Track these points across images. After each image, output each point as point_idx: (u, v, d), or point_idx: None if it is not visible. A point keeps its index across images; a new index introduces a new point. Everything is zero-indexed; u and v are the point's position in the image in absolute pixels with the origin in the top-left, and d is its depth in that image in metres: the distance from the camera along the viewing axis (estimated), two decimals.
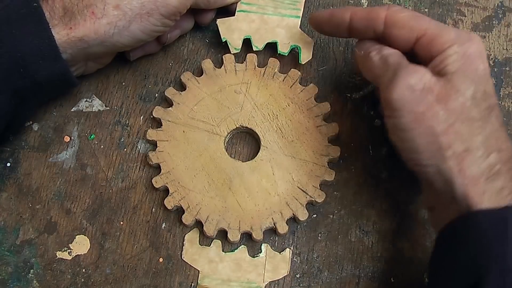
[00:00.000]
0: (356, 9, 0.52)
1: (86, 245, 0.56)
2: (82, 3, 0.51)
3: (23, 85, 0.51)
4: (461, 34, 0.48)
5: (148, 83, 0.60)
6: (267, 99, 0.58)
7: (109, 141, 0.59)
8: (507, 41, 0.62)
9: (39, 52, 0.50)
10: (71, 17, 0.51)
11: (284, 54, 0.59)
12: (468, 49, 0.47)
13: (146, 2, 0.52)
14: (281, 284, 0.55)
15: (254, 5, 0.60)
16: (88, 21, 0.51)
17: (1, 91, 0.50)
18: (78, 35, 0.51)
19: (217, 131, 0.57)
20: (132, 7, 0.52)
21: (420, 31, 0.48)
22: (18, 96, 0.51)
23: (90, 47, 0.52)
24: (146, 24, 0.53)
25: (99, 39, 0.52)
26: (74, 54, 0.52)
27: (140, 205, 0.57)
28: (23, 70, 0.50)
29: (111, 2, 0.51)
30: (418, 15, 0.49)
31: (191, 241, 0.56)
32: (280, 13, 0.59)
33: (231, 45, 0.59)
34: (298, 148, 0.56)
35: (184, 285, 0.55)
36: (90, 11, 0.51)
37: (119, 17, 0.52)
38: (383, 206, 0.56)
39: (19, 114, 0.54)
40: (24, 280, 0.55)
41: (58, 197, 0.57)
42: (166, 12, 0.53)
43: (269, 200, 0.55)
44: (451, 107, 0.46)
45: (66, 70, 0.52)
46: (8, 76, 0.50)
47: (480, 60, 0.47)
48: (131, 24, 0.53)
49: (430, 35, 0.48)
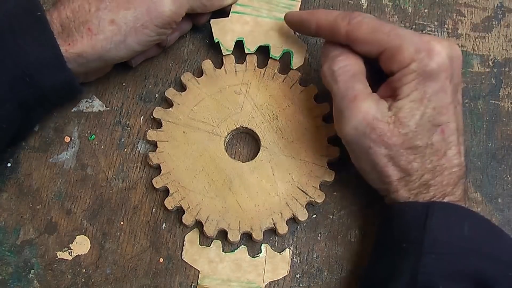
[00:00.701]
0: (321, 19, 0.52)
1: (86, 245, 0.56)
2: (79, 20, 0.52)
3: (29, 94, 0.51)
4: (423, 47, 0.48)
5: (148, 84, 0.61)
6: (267, 99, 0.58)
7: (109, 142, 0.59)
8: (506, 42, 0.62)
9: (44, 61, 0.50)
10: (68, 33, 0.51)
11: (275, 58, 0.59)
12: (427, 67, 0.47)
13: (140, 15, 0.52)
14: (281, 284, 0.55)
15: (248, 7, 0.60)
16: (85, 37, 0.52)
17: (7, 100, 0.50)
18: (76, 51, 0.51)
19: (217, 132, 0.57)
20: (126, 21, 0.52)
21: (379, 47, 0.49)
22: (25, 105, 0.52)
23: (88, 62, 0.53)
24: (142, 36, 0.54)
25: (96, 54, 0.52)
26: (74, 68, 0.52)
27: (140, 205, 0.57)
28: (29, 79, 0.50)
29: (106, 17, 0.52)
30: (379, 28, 0.49)
31: (191, 241, 0.56)
32: (274, 16, 0.59)
33: (223, 46, 0.59)
34: (298, 149, 0.56)
35: (184, 285, 0.55)
36: (86, 27, 0.51)
37: (115, 32, 0.52)
38: (383, 206, 0.56)
39: (26, 122, 0.54)
40: (24, 280, 0.55)
41: (58, 198, 0.57)
42: (161, 23, 0.54)
43: (269, 201, 0.55)
44: (394, 142, 0.48)
45: (71, 78, 0.52)
46: (14, 86, 0.50)
47: (438, 77, 0.48)
48: (127, 38, 0.53)
49: (389, 50, 0.48)
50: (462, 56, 0.50)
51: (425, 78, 0.47)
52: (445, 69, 0.48)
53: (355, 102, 0.48)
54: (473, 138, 0.59)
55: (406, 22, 0.63)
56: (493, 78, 0.61)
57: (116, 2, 0.52)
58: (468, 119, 0.60)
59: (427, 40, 0.48)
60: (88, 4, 0.52)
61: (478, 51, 0.62)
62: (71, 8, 0.52)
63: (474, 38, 0.63)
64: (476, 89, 0.61)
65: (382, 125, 0.47)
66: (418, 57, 0.47)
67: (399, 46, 0.48)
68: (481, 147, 0.59)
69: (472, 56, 0.62)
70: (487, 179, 0.58)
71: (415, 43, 0.48)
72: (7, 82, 0.50)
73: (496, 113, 0.60)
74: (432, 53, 0.47)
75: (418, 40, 0.48)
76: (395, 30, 0.49)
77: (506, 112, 0.60)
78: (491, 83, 0.61)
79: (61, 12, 0.52)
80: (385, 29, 0.49)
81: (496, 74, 0.61)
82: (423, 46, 0.48)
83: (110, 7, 0.52)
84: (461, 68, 0.50)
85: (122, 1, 0.52)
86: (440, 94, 0.48)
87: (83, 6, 0.52)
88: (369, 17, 0.50)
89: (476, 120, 0.60)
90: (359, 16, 0.50)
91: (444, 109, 0.48)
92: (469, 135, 0.59)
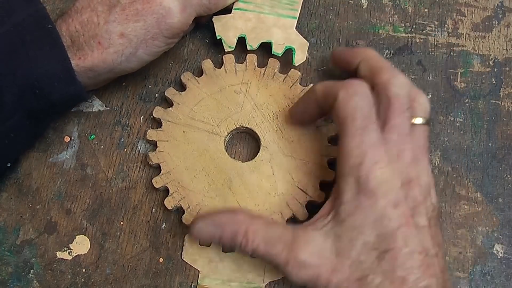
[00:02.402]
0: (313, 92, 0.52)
1: (86, 245, 0.56)
2: (88, 34, 0.51)
3: (38, 106, 0.51)
4: (362, 166, 0.45)
5: (148, 83, 0.61)
6: (267, 99, 0.58)
7: (109, 141, 0.59)
8: (507, 41, 0.62)
9: (54, 74, 0.50)
10: (78, 47, 0.51)
11: (278, 55, 0.59)
12: (366, 186, 0.45)
13: (150, 27, 0.52)
14: (281, 284, 0.55)
15: (251, 4, 0.60)
16: (96, 51, 0.51)
17: (16, 112, 0.50)
18: (87, 65, 0.52)
19: (217, 131, 0.57)
20: (136, 34, 0.52)
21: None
22: (33, 115, 0.52)
23: (99, 75, 0.53)
24: (152, 47, 0.54)
25: (107, 68, 0.53)
26: (84, 81, 0.52)
27: (140, 205, 0.57)
28: (39, 91, 0.50)
29: (115, 31, 0.52)
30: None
31: (191, 241, 0.56)
32: (276, 12, 0.59)
33: (226, 43, 0.59)
34: (298, 148, 0.56)
35: (184, 285, 0.55)
36: (96, 41, 0.51)
37: (125, 45, 0.52)
38: None
39: (34, 131, 0.55)
40: (24, 280, 0.55)
41: (58, 197, 0.57)
42: (170, 34, 0.54)
43: (269, 200, 0.55)
44: (336, 278, 0.45)
45: (81, 91, 0.52)
46: (23, 97, 0.50)
47: (377, 194, 0.45)
48: (138, 50, 0.53)
49: (339, 158, 0.48)
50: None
51: (361, 199, 0.45)
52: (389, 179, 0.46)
53: (304, 236, 0.47)
54: (473, 138, 0.59)
55: (406, 22, 0.63)
56: (494, 77, 0.61)
57: (125, 14, 0.52)
58: (469, 119, 0.60)
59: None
60: (97, 17, 0.52)
61: (479, 51, 0.62)
62: (79, 21, 0.52)
63: (475, 37, 0.63)
64: (477, 89, 0.61)
65: (325, 259, 0.45)
66: (354, 173, 0.46)
67: (346, 154, 0.47)
68: (482, 146, 0.59)
69: (473, 56, 0.62)
70: (488, 179, 0.58)
71: (359, 156, 0.46)
72: (17, 94, 0.50)
73: (497, 113, 0.60)
74: (364, 167, 0.46)
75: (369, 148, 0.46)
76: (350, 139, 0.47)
77: (507, 112, 0.60)
78: (492, 82, 0.61)
79: (70, 25, 0.52)
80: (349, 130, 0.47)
81: (497, 73, 0.61)
82: (363, 162, 0.46)
83: (119, 19, 0.52)
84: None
85: (131, 13, 0.52)
86: (385, 215, 0.45)
87: (92, 18, 0.52)
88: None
89: (477, 119, 0.60)
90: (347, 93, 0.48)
91: (389, 231, 0.45)
92: (470, 134, 0.59)
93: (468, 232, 0.57)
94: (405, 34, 0.63)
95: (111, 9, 0.52)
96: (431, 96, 0.60)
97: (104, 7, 0.52)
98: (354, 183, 0.45)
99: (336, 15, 0.63)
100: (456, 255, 0.56)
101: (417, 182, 0.46)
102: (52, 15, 0.58)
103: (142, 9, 0.52)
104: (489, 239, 0.56)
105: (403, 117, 0.47)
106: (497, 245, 0.56)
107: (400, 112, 0.47)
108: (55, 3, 0.63)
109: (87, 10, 0.52)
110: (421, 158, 0.48)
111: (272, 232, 0.47)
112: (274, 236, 0.47)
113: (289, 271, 0.46)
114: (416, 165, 0.47)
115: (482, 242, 0.56)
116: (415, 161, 0.47)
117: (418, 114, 0.49)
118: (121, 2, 0.52)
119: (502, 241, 0.56)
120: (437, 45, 0.62)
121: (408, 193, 0.46)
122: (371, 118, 0.47)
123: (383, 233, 0.44)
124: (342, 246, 0.45)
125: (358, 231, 0.45)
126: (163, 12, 0.52)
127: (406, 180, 0.46)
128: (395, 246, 0.44)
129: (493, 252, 0.56)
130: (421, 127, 0.49)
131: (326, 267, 0.45)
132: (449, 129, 0.60)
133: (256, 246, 0.47)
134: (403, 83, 0.48)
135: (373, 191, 0.45)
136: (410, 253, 0.44)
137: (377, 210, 0.45)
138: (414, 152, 0.47)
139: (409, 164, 0.46)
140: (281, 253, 0.46)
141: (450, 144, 0.59)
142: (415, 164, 0.47)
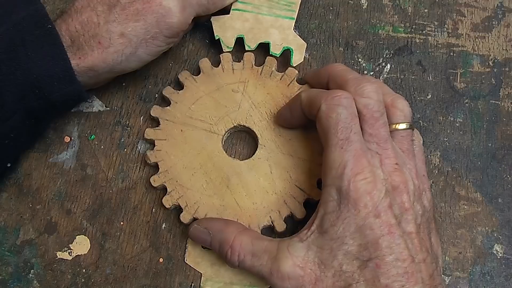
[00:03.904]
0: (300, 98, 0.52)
1: (86, 245, 0.56)
2: (88, 33, 0.52)
3: (37, 106, 0.51)
4: (343, 177, 0.45)
5: (148, 84, 0.61)
6: (264, 97, 0.58)
7: (109, 142, 0.59)
8: (506, 42, 0.62)
9: (54, 74, 0.50)
10: (78, 47, 0.52)
11: (276, 55, 0.59)
12: (348, 197, 0.45)
13: (150, 27, 0.53)
14: None
15: (249, 4, 0.60)
16: (96, 51, 0.52)
17: (15, 111, 0.50)
18: (87, 65, 0.52)
19: (215, 130, 0.57)
20: (136, 34, 0.52)
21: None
22: (32, 116, 0.52)
23: (99, 74, 0.53)
24: (152, 47, 0.54)
25: (107, 67, 0.53)
26: (84, 81, 0.53)
27: (140, 205, 0.57)
28: (38, 91, 0.50)
29: (115, 31, 0.52)
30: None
31: (193, 244, 0.56)
32: (274, 13, 0.60)
33: (224, 43, 0.59)
34: (295, 147, 0.56)
35: (184, 285, 0.55)
36: (96, 41, 0.52)
37: (125, 45, 0.52)
38: None
39: (34, 131, 0.55)
40: (24, 280, 0.55)
41: (58, 198, 0.57)
42: (170, 34, 0.54)
43: (267, 199, 0.55)
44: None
45: (80, 91, 0.52)
46: (22, 97, 0.50)
47: (358, 205, 0.45)
48: (138, 50, 0.53)
49: (322, 169, 0.48)
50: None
51: (346, 207, 0.45)
52: (376, 186, 0.45)
53: (287, 250, 0.47)
54: (473, 138, 0.59)
55: (406, 22, 0.63)
56: (493, 78, 0.61)
57: (125, 14, 0.52)
58: (468, 119, 0.60)
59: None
60: (97, 17, 0.52)
61: (478, 51, 0.62)
62: (79, 21, 0.52)
63: (474, 38, 0.63)
64: (476, 89, 0.61)
65: (308, 270, 0.46)
66: (336, 182, 0.46)
67: (330, 164, 0.47)
68: (481, 147, 0.59)
69: (472, 56, 0.62)
70: (487, 179, 0.58)
71: (342, 164, 0.46)
72: (17, 94, 0.50)
73: (496, 113, 0.60)
74: (346, 178, 0.46)
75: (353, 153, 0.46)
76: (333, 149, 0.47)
77: (506, 112, 0.60)
78: (491, 83, 0.61)
79: (70, 25, 0.52)
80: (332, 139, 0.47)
81: (496, 74, 0.61)
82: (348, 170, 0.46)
83: (119, 19, 0.52)
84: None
85: (131, 13, 0.52)
86: (369, 223, 0.45)
87: (92, 18, 0.52)
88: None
89: (476, 120, 0.60)
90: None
91: (374, 239, 0.45)
92: (469, 135, 0.59)
93: (468, 232, 0.56)
94: (405, 34, 0.63)
95: (111, 9, 0.52)
96: (431, 96, 0.60)
97: (104, 7, 0.52)
98: (336, 194, 0.46)
99: (336, 15, 0.64)
100: (455, 255, 0.56)
101: (404, 188, 0.46)
102: (52, 15, 0.58)
103: (142, 8, 0.52)
104: (489, 239, 0.56)
105: (377, 125, 0.48)
106: (496, 245, 0.56)
107: (373, 121, 0.47)
108: (55, 3, 0.63)
109: (87, 9, 0.52)
110: (408, 162, 0.48)
111: (258, 245, 0.49)
112: (260, 249, 0.49)
113: (273, 282, 0.47)
114: (401, 171, 0.47)
115: (482, 242, 0.56)
116: (400, 167, 0.47)
117: (398, 120, 0.49)
118: (121, 2, 0.52)
119: (502, 241, 0.56)
120: (437, 45, 0.62)
121: (393, 200, 0.46)
122: (353, 128, 0.47)
123: (365, 243, 0.44)
124: (325, 256, 0.46)
125: (339, 241, 0.45)
126: (163, 12, 0.53)
127: (390, 187, 0.46)
128: (378, 254, 0.44)
129: (493, 252, 0.56)
130: (403, 132, 0.49)
131: (309, 277, 0.46)
132: (448, 129, 0.60)
133: (242, 258, 0.49)
134: (370, 91, 0.48)
135: (355, 201, 0.45)
136: (394, 260, 0.44)
137: (359, 220, 0.45)
138: (398, 158, 0.47)
139: (392, 171, 0.46)
140: (266, 265, 0.48)
141: (450, 144, 0.59)
142: (400, 170, 0.47)
